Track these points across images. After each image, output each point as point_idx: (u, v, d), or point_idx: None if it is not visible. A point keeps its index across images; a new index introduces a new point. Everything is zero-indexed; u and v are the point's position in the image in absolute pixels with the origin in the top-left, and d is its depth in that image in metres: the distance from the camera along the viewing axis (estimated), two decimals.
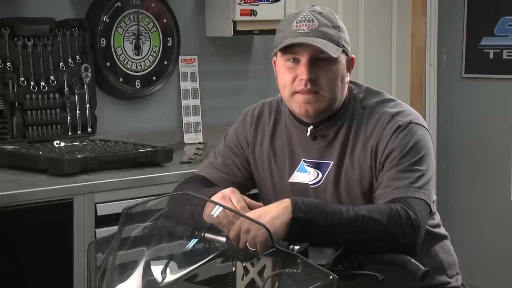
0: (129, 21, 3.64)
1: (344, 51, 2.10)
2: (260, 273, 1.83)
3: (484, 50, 4.74)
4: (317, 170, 2.14)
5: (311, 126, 2.13)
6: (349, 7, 4.54)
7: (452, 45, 4.84)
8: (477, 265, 4.77)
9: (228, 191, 1.97)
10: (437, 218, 2.24)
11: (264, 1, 3.87)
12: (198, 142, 3.83)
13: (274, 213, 1.84)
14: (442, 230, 2.26)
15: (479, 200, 4.82)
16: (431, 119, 4.86)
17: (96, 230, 2.89)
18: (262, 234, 1.76)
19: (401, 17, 4.80)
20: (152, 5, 3.71)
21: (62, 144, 3.25)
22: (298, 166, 2.17)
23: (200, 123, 3.92)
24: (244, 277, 1.87)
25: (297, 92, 2.06)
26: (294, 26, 2.05)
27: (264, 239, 1.77)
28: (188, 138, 3.87)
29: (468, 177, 4.85)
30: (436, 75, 4.87)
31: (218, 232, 1.93)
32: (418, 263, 1.79)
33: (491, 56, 4.72)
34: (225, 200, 1.94)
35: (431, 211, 2.04)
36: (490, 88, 4.75)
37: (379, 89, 2.23)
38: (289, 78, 2.06)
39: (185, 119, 3.89)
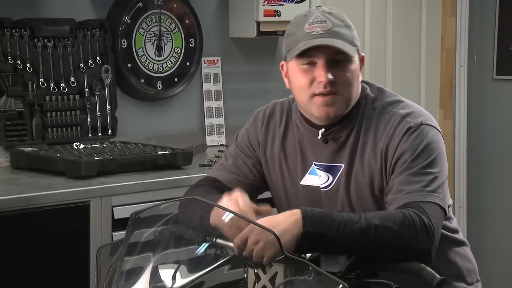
0: (150, 22, 3.60)
1: (357, 50, 2.05)
2: (272, 280, 1.81)
3: None
4: (327, 174, 2.09)
5: (323, 129, 2.08)
6: (377, 8, 4.49)
7: (483, 46, 4.76)
8: (509, 271, 4.68)
9: (236, 193, 1.92)
10: (455, 223, 2.18)
11: (288, 2, 3.81)
12: (221, 145, 3.80)
13: (283, 226, 1.80)
14: (460, 236, 2.19)
15: (511, 204, 4.73)
16: (461, 121, 4.78)
17: (113, 234, 2.86)
18: (271, 246, 1.72)
19: (430, 17, 4.74)
20: (175, 5, 3.68)
21: (82, 146, 3.23)
22: (310, 169, 2.12)
23: (223, 125, 3.87)
24: (256, 283, 1.84)
25: (316, 95, 2.01)
26: (306, 29, 2.01)
27: (273, 253, 1.73)
28: (210, 140, 3.83)
29: (500, 180, 4.77)
30: (466, 76, 4.79)
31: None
32: (433, 272, 1.75)
33: None
34: (231, 202, 1.89)
35: (445, 215, 1.98)
36: None
37: (408, 90, 2.18)
38: (305, 81, 2.02)
39: (207, 121, 3.84)
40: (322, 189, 2.10)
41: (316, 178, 2.10)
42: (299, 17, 2.06)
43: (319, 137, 2.08)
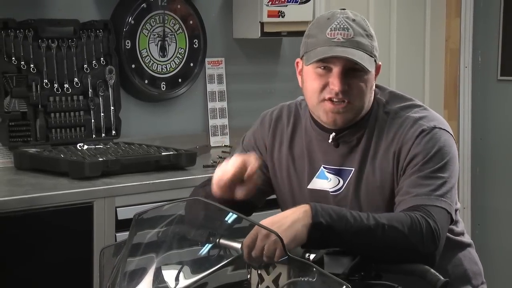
0: (154, 22, 3.60)
1: (375, 60, 2.04)
2: (275, 281, 1.80)
3: None
4: (338, 177, 2.08)
5: (333, 133, 2.07)
6: (381, 8, 4.48)
7: (487, 47, 4.75)
8: None
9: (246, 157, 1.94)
10: (461, 226, 2.17)
11: (292, 2, 3.81)
12: (224, 145, 3.79)
13: (294, 217, 1.80)
14: (466, 238, 2.19)
15: None
16: (465, 122, 4.77)
17: (116, 234, 2.86)
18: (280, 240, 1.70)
19: (435, 18, 4.73)
20: (179, 6, 3.67)
21: (85, 147, 3.23)
22: (318, 173, 2.11)
23: (226, 125, 3.87)
24: (259, 285, 1.83)
25: (326, 100, 2.00)
26: (328, 34, 1.98)
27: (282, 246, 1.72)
28: (214, 141, 3.83)
29: (504, 181, 4.76)
30: (471, 77, 4.78)
31: (233, 238, 1.88)
32: (437, 274, 1.74)
33: None
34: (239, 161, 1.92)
35: (452, 220, 1.97)
36: None
37: (412, 91, 2.17)
38: (318, 85, 2.00)
39: (211, 122, 3.84)
40: (331, 193, 2.09)
41: (325, 182, 2.10)
42: (322, 18, 2.04)
43: (330, 140, 2.07)
